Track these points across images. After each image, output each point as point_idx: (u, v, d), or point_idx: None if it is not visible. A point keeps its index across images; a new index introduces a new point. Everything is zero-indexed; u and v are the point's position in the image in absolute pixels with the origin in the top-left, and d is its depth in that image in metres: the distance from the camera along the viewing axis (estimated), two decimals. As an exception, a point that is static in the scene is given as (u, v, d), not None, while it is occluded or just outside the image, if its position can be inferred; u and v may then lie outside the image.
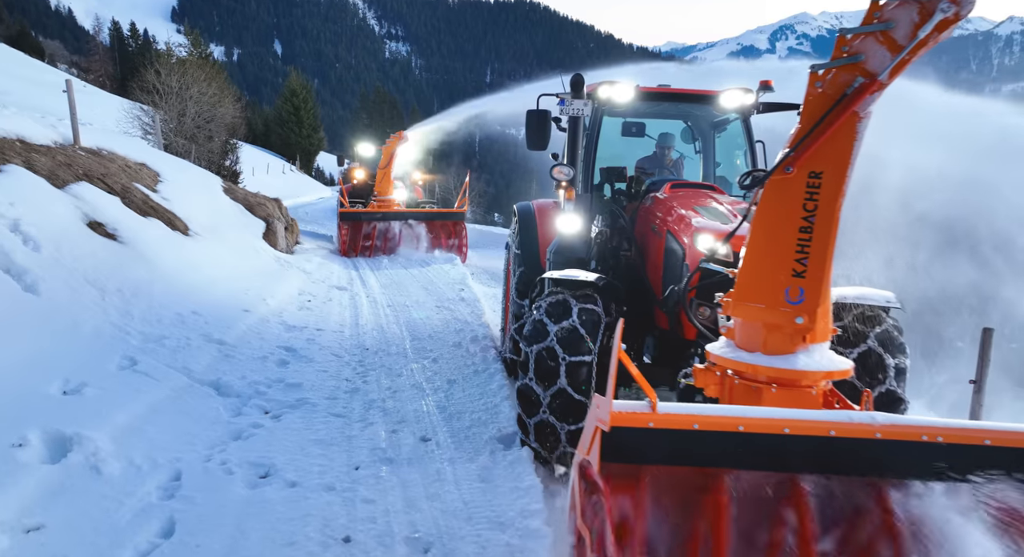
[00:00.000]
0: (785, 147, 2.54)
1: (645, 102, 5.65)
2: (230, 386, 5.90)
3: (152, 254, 8.27)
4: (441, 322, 9.23)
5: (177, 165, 13.17)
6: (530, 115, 5.29)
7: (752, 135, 5.75)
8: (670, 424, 2.13)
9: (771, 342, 2.57)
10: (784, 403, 2.50)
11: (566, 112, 4.94)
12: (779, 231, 2.54)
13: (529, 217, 6.29)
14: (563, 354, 4.13)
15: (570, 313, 4.20)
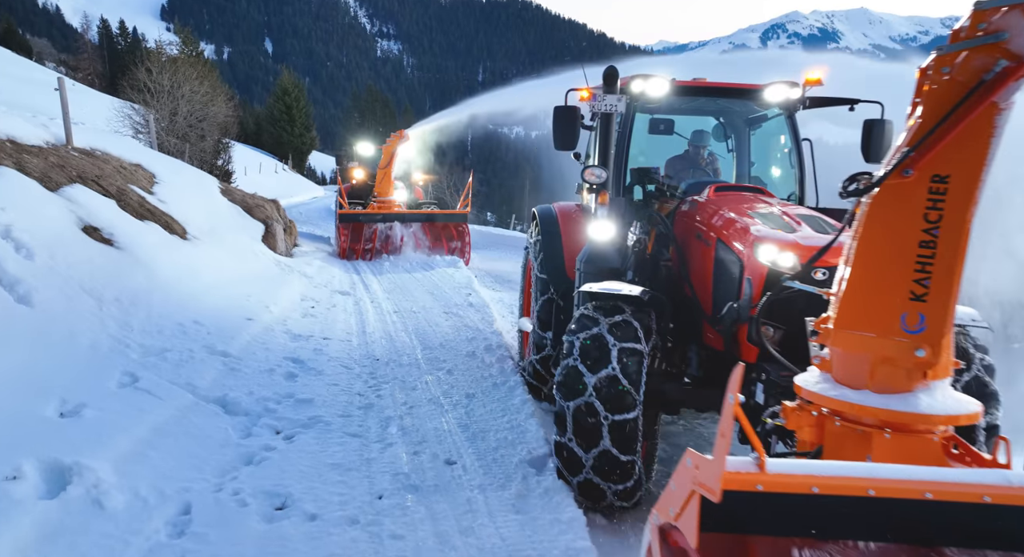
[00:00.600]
0: (902, 145, 2.18)
1: (679, 97, 5.30)
2: (238, 403, 5.54)
3: (150, 260, 7.89)
4: (451, 329, 8.88)
5: (173, 166, 12.77)
6: (558, 112, 4.94)
7: (798, 132, 5.38)
8: (783, 486, 1.79)
9: (882, 378, 2.20)
10: (900, 451, 2.16)
11: (598, 108, 4.58)
12: (894, 246, 2.18)
13: (551, 222, 5.94)
14: (605, 412, 3.74)
15: (609, 359, 3.75)
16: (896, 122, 4.82)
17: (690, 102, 5.59)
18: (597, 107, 4.58)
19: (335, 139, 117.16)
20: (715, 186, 4.73)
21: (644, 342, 3.81)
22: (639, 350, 3.79)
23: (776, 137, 5.69)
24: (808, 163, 5.32)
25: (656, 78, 4.92)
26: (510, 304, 11.17)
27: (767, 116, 5.69)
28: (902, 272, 2.17)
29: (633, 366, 3.75)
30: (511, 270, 15.50)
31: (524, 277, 7.22)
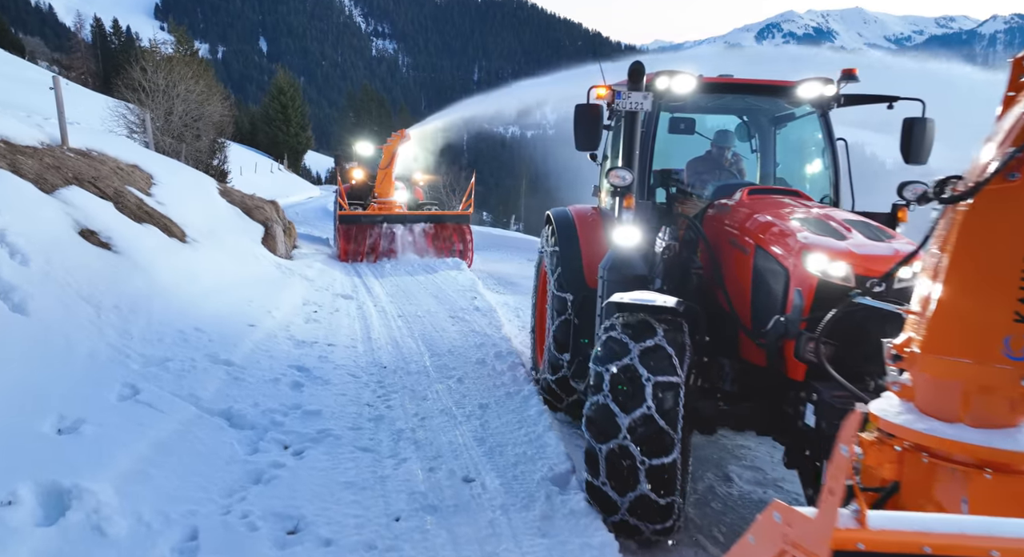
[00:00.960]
0: (1003, 144, 1.93)
1: (705, 95, 5.06)
2: (243, 416, 5.30)
3: (149, 264, 7.65)
4: (458, 335, 8.66)
5: (170, 166, 12.51)
6: (580, 111, 4.70)
7: (832, 131, 5.13)
8: (890, 546, 1.55)
9: (980, 410, 1.96)
10: (1003, 495, 1.91)
11: (622, 106, 4.34)
12: (996, 260, 1.93)
13: (568, 227, 5.70)
14: (641, 456, 3.47)
15: (643, 396, 3.45)
16: (938, 121, 4.61)
17: (716, 100, 5.36)
18: (621, 105, 4.35)
19: (330, 139, 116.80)
20: (749, 188, 4.49)
21: (680, 368, 3.54)
22: (675, 383, 3.51)
23: (805, 136, 5.47)
24: (843, 163, 5.06)
25: (682, 75, 4.68)
26: (515, 307, 10.96)
27: (795, 114, 5.46)
28: (1006, 290, 1.94)
29: (670, 402, 3.47)
30: (513, 272, 15.29)
31: (537, 284, 6.93)
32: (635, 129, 4.44)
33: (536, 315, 6.85)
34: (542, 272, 6.65)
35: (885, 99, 4.70)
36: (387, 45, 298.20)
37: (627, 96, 4.35)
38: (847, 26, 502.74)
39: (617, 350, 3.62)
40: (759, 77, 5.23)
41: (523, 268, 16.27)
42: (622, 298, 3.84)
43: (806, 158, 5.54)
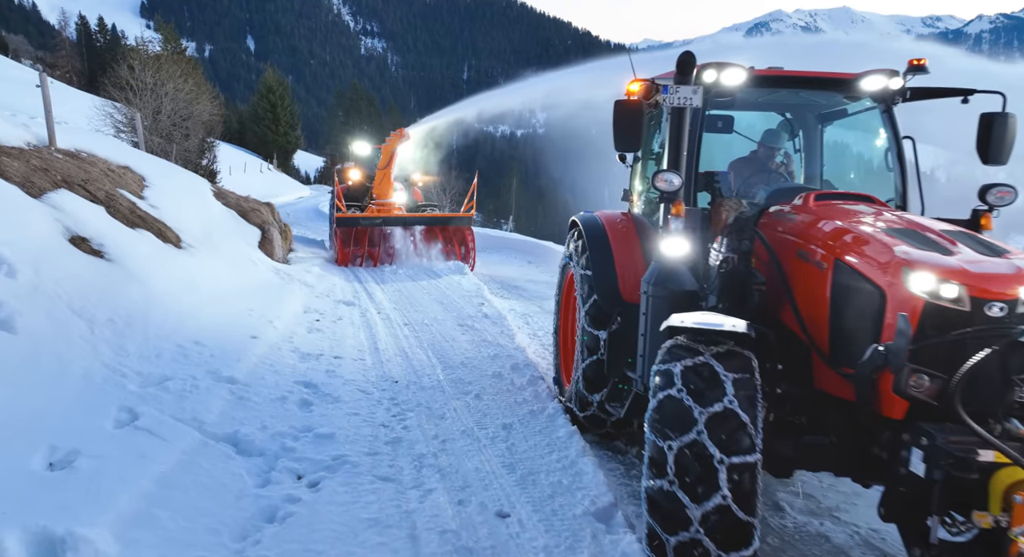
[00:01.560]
0: None
1: (754, 89, 4.65)
2: (251, 441, 4.88)
3: (144, 273, 7.21)
4: (470, 345, 8.25)
5: (162, 168, 12.04)
6: (620, 108, 4.28)
7: (897, 128, 4.67)
8: None
9: None
10: None
11: (670, 102, 3.95)
12: None
13: (599, 236, 5.25)
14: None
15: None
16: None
17: (767, 94, 4.92)
18: (669, 100, 3.95)
19: (319, 138, 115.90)
20: (815, 193, 4.08)
21: (757, 438, 3.07)
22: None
23: (858, 134, 5.08)
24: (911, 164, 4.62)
25: (733, 67, 4.25)
26: (523, 313, 10.58)
27: (847, 111, 5.05)
28: None
29: (748, 485, 3.01)
30: (516, 275, 14.90)
31: (561, 294, 6.48)
32: (682, 127, 4.03)
33: (559, 326, 6.41)
34: (567, 282, 6.24)
35: (959, 92, 4.27)
36: (376, 44, 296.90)
37: (674, 90, 3.95)
38: (835, 25, 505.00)
39: (679, 417, 3.12)
40: None
41: (526, 271, 15.89)
42: (683, 321, 3.37)
43: (860, 158, 5.15)
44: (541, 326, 9.83)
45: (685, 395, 3.14)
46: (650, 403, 3.27)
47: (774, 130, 5.20)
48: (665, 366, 3.31)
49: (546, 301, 11.97)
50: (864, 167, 5.14)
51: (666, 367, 3.30)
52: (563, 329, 6.35)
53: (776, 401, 3.44)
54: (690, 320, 3.35)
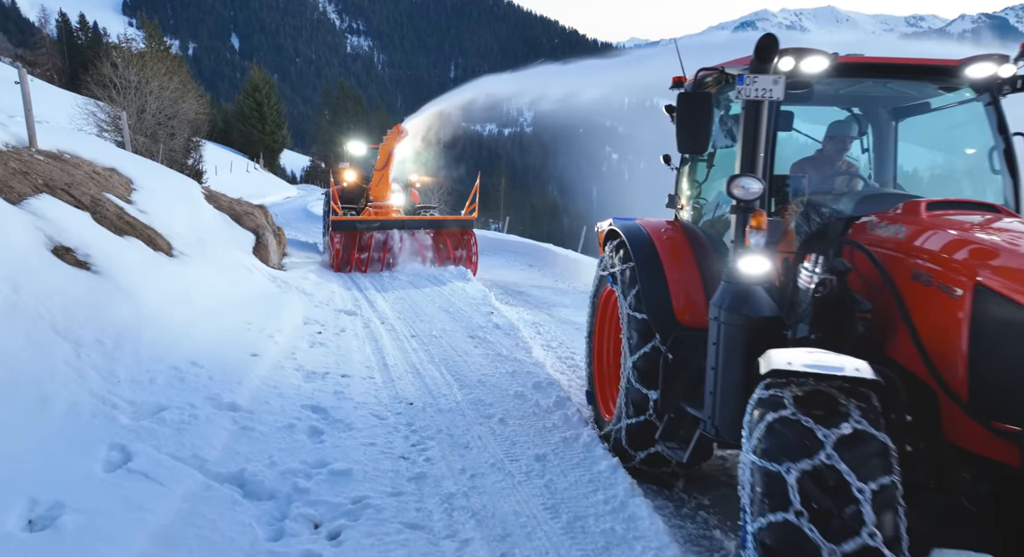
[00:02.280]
0: None
1: (834, 79, 4.07)
2: (259, 482, 4.33)
3: (135, 286, 6.63)
4: (485, 360, 7.72)
5: (150, 169, 11.41)
6: (687, 101, 3.72)
7: (1005, 123, 4.05)
8: None
9: None
10: None
11: (745, 93, 3.42)
12: None
13: (647, 248, 4.65)
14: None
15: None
16: None
17: (847, 85, 4.32)
18: (745, 92, 3.42)
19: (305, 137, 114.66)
20: (924, 201, 3.48)
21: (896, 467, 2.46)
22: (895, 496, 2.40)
23: (942, 130, 4.54)
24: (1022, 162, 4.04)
25: (814, 53, 3.67)
26: (533, 322, 10.08)
27: (929, 104, 4.48)
28: None
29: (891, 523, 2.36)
30: (519, 280, 14.40)
31: (595, 312, 5.77)
32: (759, 124, 3.50)
33: (594, 348, 5.80)
34: (604, 299, 5.64)
35: None
36: (362, 42, 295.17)
37: (751, 81, 3.42)
38: (820, 25, 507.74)
39: (798, 439, 2.50)
40: None
41: (528, 275, 15.39)
42: (790, 363, 2.69)
43: (944, 157, 4.61)
44: (554, 337, 9.32)
45: (803, 416, 2.57)
46: (753, 431, 2.72)
47: (845, 121, 4.58)
48: (767, 392, 2.76)
49: (555, 309, 11.47)
50: (947, 168, 4.61)
51: (768, 393, 2.75)
52: (599, 350, 5.76)
53: (907, 461, 2.84)
54: (799, 361, 2.71)
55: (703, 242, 4.56)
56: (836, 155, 4.53)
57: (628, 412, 4.61)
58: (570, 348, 8.75)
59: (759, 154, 3.52)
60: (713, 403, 3.50)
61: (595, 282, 5.62)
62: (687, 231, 4.79)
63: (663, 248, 4.63)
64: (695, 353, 4.13)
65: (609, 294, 5.39)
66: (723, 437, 3.44)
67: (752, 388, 3.00)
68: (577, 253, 17.03)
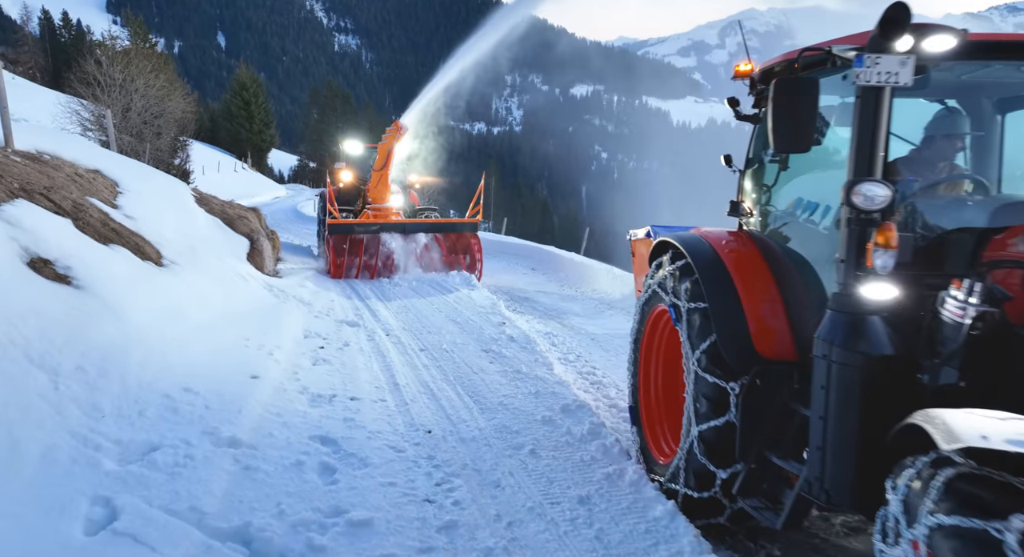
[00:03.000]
0: None
1: (958, 62, 3.41)
2: (267, 539, 3.71)
3: (121, 301, 5.99)
4: (503, 378, 7.12)
5: (137, 171, 10.74)
6: (785, 89, 3.11)
7: None
8: None
9: None
10: None
11: (865, 78, 2.83)
12: None
13: (714, 265, 3.96)
14: None
15: None
16: None
17: (969, 70, 3.63)
18: (865, 76, 2.83)
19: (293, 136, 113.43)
20: None
21: None
22: None
23: None
24: None
25: (941, 30, 2.96)
26: (547, 333, 9.50)
27: None
28: None
29: None
30: (524, 286, 13.83)
31: (641, 332, 5.05)
32: (880, 115, 2.91)
33: (639, 377, 5.11)
34: (652, 320, 4.93)
35: None
36: (350, 41, 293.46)
37: (872, 62, 2.83)
38: (807, 24, 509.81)
39: (1001, 494, 1.87)
40: None
41: (532, 280, 14.81)
42: (985, 438, 1.95)
43: None
44: (570, 349, 8.75)
45: (993, 471, 1.96)
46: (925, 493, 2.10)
47: (948, 117, 3.90)
48: (943, 471, 2.06)
49: (565, 317, 10.90)
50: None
51: (943, 474, 2.04)
52: (646, 380, 5.08)
53: None
54: (999, 437, 1.95)
55: (779, 257, 3.94)
56: (942, 156, 3.88)
57: (689, 482, 3.97)
58: (589, 362, 8.18)
59: (878, 153, 2.93)
60: (821, 461, 2.91)
61: (644, 296, 4.88)
62: (759, 244, 4.13)
63: (735, 266, 3.92)
64: (780, 391, 3.53)
65: (661, 314, 4.76)
66: (837, 502, 2.86)
67: (874, 441, 2.41)
68: (580, 256, 16.46)
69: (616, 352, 8.78)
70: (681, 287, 4.12)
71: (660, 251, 4.71)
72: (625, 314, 11.36)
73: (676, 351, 4.58)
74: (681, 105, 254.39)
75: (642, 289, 4.93)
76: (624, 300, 12.10)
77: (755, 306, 3.73)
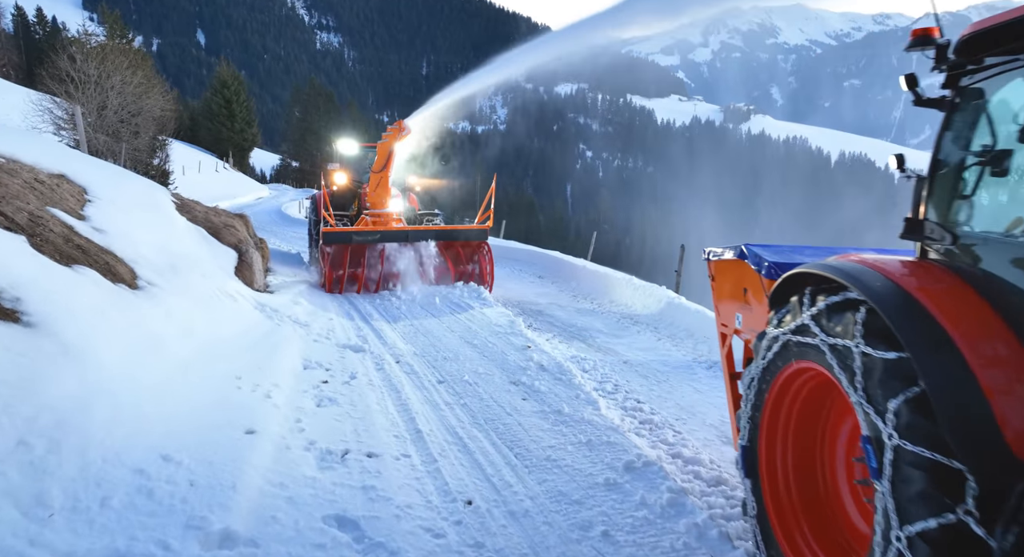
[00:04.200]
0: None
1: None
2: None
3: (84, 339, 4.85)
4: (543, 421, 6.03)
5: (110, 175, 9.53)
6: None
7: None
8: None
9: None
10: None
11: None
12: None
13: (920, 316, 2.66)
14: None
15: None
16: None
17: None
18: None
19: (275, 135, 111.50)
20: None
21: None
22: None
23: None
24: None
25: None
26: (574, 357, 8.45)
27: None
28: None
29: None
30: (533, 298, 12.76)
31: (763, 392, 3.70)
32: None
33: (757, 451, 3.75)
34: (782, 379, 3.58)
35: None
36: (332, 38, 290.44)
37: None
38: (789, 22, 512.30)
39: None
40: None
41: (542, 290, 13.73)
42: None
43: None
44: (606, 377, 7.71)
45: None
46: None
47: None
48: None
49: (590, 336, 9.85)
50: None
51: None
52: (771, 457, 3.74)
53: None
54: None
55: (1011, 301, 2.69)
56: None
57: None
58: (631, 394, 7.15)
59: None
60: None
61: (767, 349, 3.60)
62: (973, 283, 2.84)
63: (952, 320, 2.65)
64: None
65: (797, 375, 3.52)
66: None
67: None
68: (592, 263, 15.38)
69: (656, 379, 7.76)
70: (861, 347, 2.84)
71: (793, 287, 3.54)
72: (652, 331, 10.33)
73: (817, 424, 3.51)
74: (665, 103, 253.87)
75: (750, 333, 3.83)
76: (650, 315, 11.06)
77: (995, 381, 2.48)
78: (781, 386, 3.55)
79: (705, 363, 8.55)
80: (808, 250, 4.33)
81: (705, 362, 8.60)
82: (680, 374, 8.02)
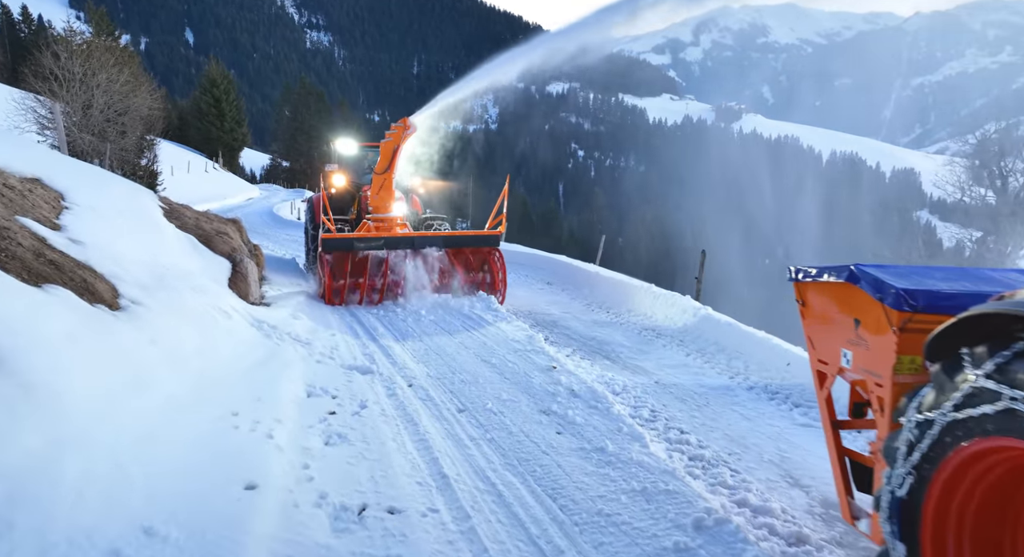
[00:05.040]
0: None
1: None
2: None
3: (52, 378, 4.06)
4: (585, 461, 5.27)
5: (91, 177, 8.71)
6: None
7: None
8: None
9: None
10: None
11: None
12: None
13: None
14: None
15: None
16: None
17: None
18: None
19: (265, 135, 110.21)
20: None
21: None
22: None
23: None
24: None
25: None
26: (603, 378, 7.70)
27: None
28: None
29: None
30: (545, 306, 12.00)
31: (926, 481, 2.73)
32: None
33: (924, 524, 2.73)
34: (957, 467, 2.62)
35: None
36: (322, 37, 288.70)
37: None
38: (780, 21, 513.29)
39: None
40: None
41: (553, 298, 12.97)
42: None
43: None
44: (642, 402, 7.00)
45: None
46: None
47: None
48: None
49: (613, 351, 9.12)
50: None
51: None
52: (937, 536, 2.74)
53: None
54: None
55: None
56: None
57: None
58: (671, 422, 6.43)
59: None
60: None
61: (930, 425, 2.68)
62: None
63: None
64: None
65: (981, 456, 2.56)
66: None
67: None
68: (604, 269, 14.62)
69: (695, 404, 7.04)
70: None
71: (976, 330, 2.67)
72: (679, 345, 9.60)
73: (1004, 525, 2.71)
74: (657, 103, 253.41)
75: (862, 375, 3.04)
76: (675, 328, 10.32)
77: None
78: (950, 475, 2.67)
79: (744, 384, 7.83)
80: (938, 272, 3.54)
81: (744, 382, 7.87)
82: (720, 397, 7.29)
